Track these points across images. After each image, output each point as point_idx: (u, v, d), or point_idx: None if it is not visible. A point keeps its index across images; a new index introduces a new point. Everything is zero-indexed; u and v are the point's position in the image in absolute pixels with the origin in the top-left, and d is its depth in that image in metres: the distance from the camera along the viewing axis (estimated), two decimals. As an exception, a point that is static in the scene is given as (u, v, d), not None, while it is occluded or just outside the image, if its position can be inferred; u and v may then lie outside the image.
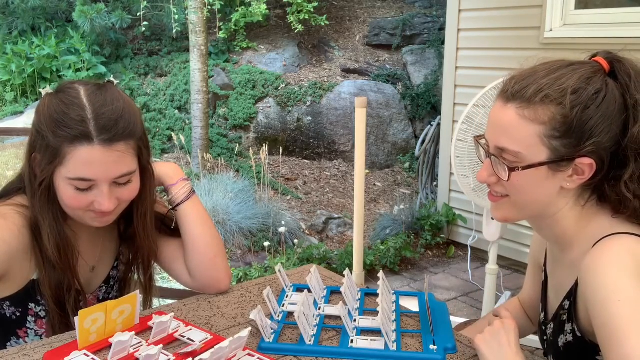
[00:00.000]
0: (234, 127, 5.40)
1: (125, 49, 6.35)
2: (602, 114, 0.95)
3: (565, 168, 0.98)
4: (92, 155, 1.11)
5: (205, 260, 1.32)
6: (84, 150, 1.10)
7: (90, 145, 1.10)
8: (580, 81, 0.96)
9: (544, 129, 0.96)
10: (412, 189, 5.17)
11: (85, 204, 1.14)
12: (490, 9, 3.77)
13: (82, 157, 1.10)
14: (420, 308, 1.30)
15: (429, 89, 5.69)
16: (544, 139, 0.96)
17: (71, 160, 1.11)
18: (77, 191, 1.13)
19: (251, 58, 6.12)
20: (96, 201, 1.14)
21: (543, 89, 0.96)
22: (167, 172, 1.34)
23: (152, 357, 0.98)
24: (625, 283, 0.88)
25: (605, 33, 3.11)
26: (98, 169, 1.12)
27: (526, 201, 1.04)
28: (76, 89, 1.15)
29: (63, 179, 1.13)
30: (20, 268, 1.17)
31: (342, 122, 5.49)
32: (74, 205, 1.15)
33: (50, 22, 6.30)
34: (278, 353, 1.10)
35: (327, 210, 4.60)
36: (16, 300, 1.19)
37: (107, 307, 1.10)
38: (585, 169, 0.97)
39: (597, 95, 0.95)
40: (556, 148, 0.96)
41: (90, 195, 1.14)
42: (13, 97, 5.87)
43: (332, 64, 6.21)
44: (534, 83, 0.98)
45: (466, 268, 3.83)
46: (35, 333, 1.23)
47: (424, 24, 6.41)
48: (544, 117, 0.96)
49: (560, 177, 0.99)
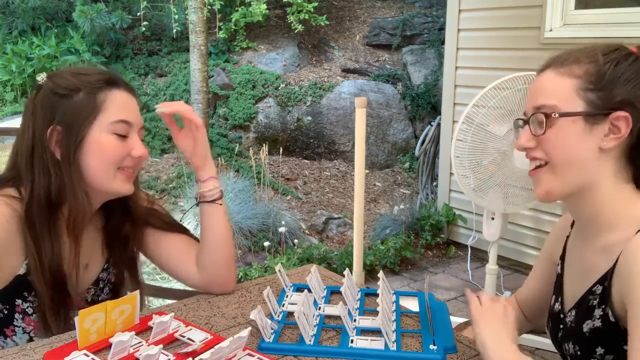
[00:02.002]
0: (234, 127, 5.40)
1: (125, 49, 6.35)
2: (636, 70, 0.99)
3: (601, 122, 0.99)
4: (125, 99, 1.22)
5: (222, 259, 1.34)
6: (118, 94, 1.21)
7: (120, 90, 1.21)
8: (610, 47, 1.03)
9: (579, 82, 1.01)
10: (412, 189, 5.17)
11: (124, 152, 1.21)
12: (490, 9, 3.77)
13: (119, 99, 1.21)
14: (420, 308, 1.30)
15: (429, 89, 5.69)
16: (580, 91, 1.00)
17: (110, 104, 1.19)
18: (117, 139, 1.19)
19: (251, 58, 6.12)
20: (134, 148, 1.22)
21: (574, 52, 1.04)
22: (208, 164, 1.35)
23: (152, 357, 0.98)
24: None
25: (605, 33, 3.11)
26: (132, 113, 1.23)
27: (565, 162, 1.03)
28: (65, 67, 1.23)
29: (104, 127, 1.18)
30: (7, 261, 1.15)
31: (342, 122, 5.49)
32: (116, 154, 1.19)
33: (50, 22, 6.30)
34: (278, 353, 1.10)
35: (327, 210, 4.60)
36: (3, 296, 1.17)
37: (107, 307, 1.10)
38: (622, 125, 0.98)
39: (629, 57, 1.01)
40: (592, 100, 1.00)
41: (127, 144, 1.21)
42: (13, 97, 5.87)
43: (332, 64, 6.21)
44: (568, 52, 1.05)
45: (466, 268, 3.83)
46: (23, 330, 1.21)
47: (424, 24, 6.41)
48: (578, 72, 1.01)
49: (596, 135, 1.00)
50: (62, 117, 1.16)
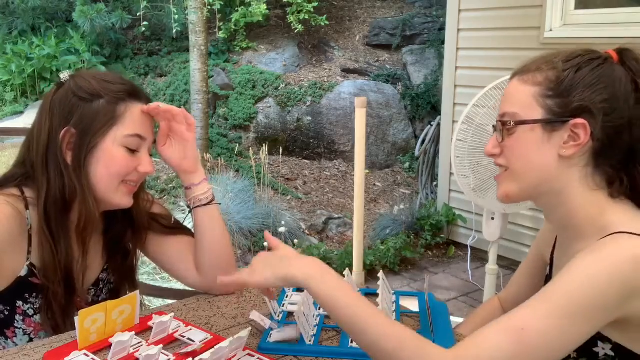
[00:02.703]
0: (234, 127, 5.40)
1: (125, 49, 6.35)
2: (597, 76, 0.98)
3: (559, 129, 0.99)
4: (143, 113, 1.21)
5: (223, 261, 1.32)
6: (138, 107, 1.20)
7: (141, 104, 1.21)
8: (575, 53, 1.02)
9: (538, 89, 1.01)
10: (412, 189, 5.17)
11: (132, 167, 1.20)
12: (490, 9, 3.77)
13: (138, 113, 1.20)
14: (420, 308, 1.30)
15: (429, 89, 5.69)
16: (539, 98, 1.01)
17: (129, 117, 1.18)
18: (127, 152, 1.19)
19: (251, 58, 6.12)
20: (142, 164, 1.21)
21: (539, 60, 1.04)
22: (199, 167, 1.31)
23: (152, 357, 0.98)
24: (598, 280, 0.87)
25: (605, 33, 3.11)
26: (147, 127, 1.22)
27: (524, 168, 1.03)
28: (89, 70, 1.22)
29: (118, 139, 1.17)
30: (8, 262, 1.14)
31: (342, 122, 5.49)
32: (124, 167, 1.19)
33: (50, 22, 6.30)
34: (278, 353, 1.10)
35: (327, 210, 4.60)
36: (3, 297, 1.17)
37: (107, 307, 1.10)
38: (580, 133, 0.97)
39: (592, 62, 0.99)
40: (550, 107, 1.00)
41: (136, 159, 1.20)
42: (13, 97, 5.87)
43: (332, 64, 6.21)
44: (536, 59, 1.05)
45: (466, 268, 3.83)
46: (23, 332, 1.20)
47: (424, 24, 6.41)
48: (539, 79, 1.01)
49: (556, 142, 0.99)
50: (78, 120, 1.16)
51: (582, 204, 1.01)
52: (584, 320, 0.88)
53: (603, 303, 0.88)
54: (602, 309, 0.89)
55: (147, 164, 1.22)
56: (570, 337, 0.88)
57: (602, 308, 0.88)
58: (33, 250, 1.18)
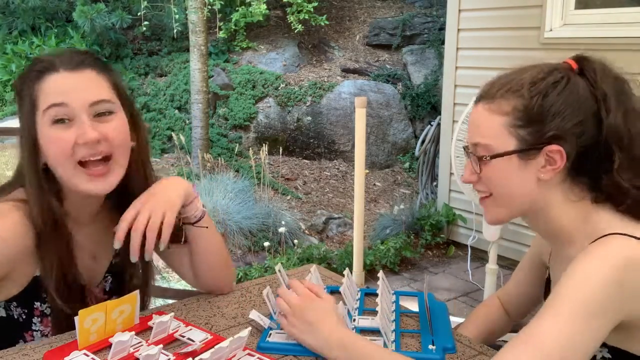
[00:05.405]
0: (234, 127, 5.40)
1: (125, 49, 6.35)
2: (564, 101, 0.98)
3: (535, 157, 1.00)
4: (60, 81, 1.10)
5: (214, 270, 1.34)
6: (51, 79, 1.10)
7: (57, 73, 1.10)
8: (539, 74, 1.01)
9: (508, 119, 1.01)
10: (412, 189, 5.18)
11: (70, 142, 1.08)
12: (490, 9, 3.77)
13: (51, 84, 1.09)
14: (420, 308, 1.30)
15: (429, 89, 5.69)
16: (510, 128, 1.01)
17: (41, 93, 1.10)
18: (57, 128, 1.09)
19: (251, 58, 6.12)
20: (79, 134, 1.08)
21: (505, 85, 1.03)
22: (188, 188, 1.26)
23: (152, 357, 0.99)
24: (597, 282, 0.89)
25: (605, 33, 3.10)
26: (69, 93, 1.09)
27: (506, 195, 1.05)
28: None
29: (42, 121, 1.09)
30: (22, 266, 1.14)
31: (342, 122, 5.49)
32: (61, 147, 1.09)
33: (50, 22, 6.31)
34: (278, 353, 1.10)
35: (327, 210, 4.60)
36: (22, 299, 1.17)
37: (107, 307, 1.10)
38: (556, 158, 0.99)
39: (557, 84, 0.99)
40: (523, 137, 1.00)
41: (71, 132, 1.09)
42: (13, 97, 5.87)
43: (332, 64, 6.21)
44: (499, 81, 1.05)
45: (466, 268, 3.83)
46: (41, 334, 1.20)
47: (424, 24, 6.41)
48: (507, 108, 1.01)
49: (533, 168, 1.01)
50: (20, 118, 1.15)
51: (566, 216, 1.04)
52: (596, 320, 0.89)
53: (608, 305, 0.90)
54: (606, 310, 0.90)
55: (84, 135, 1.08)
56: (588, 339, 0.89)
57: (606, 309, 0.90)
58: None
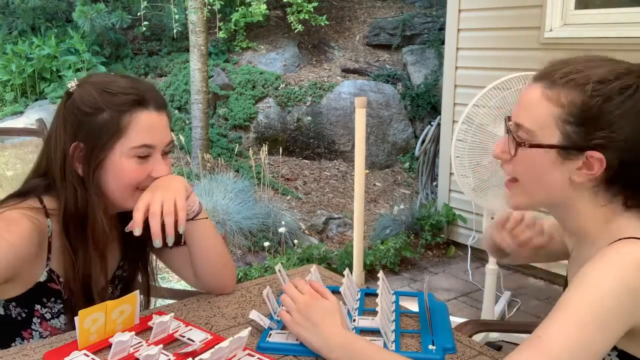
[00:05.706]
0: (234, 127, 5.40)
1: (125, 49, 6.35)
2: (625, 111, 0.92)
3: (574, 157, 0.96)
4: (151, 120, 1.18)
5: (216, 269, 1.34)
6: (144, 116, 1.17)
7: (148, 111, 1.17)
8: (611, 74, 0.93)
9: (561, 111, 0.95)
10: (412, 189, 5.18)
11: (144, 175, 1.18)
12: (490, 9, 3.77)
13: (144, 122, 1.17)
14: (420, 308, 1.30)
15: (429, 89, 5.69)
16: (559, 122, 0.95)
17: (134, 128, 1.16)
18: (138, 162, 1.17)
19: (251, 58, 6.12)
20: (154, 169, 1.19)
21: (571, 73, 0.96)
22: (184, 181, 1.28)
23: (152, 357, 0.99)
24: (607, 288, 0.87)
25: (605, 33, 3.10)
26: (157, 134, 1.19)
27: (534, 187, 1.02)
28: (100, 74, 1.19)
29: (125, 151, 1.16)
30: (28, 271, 1.16)
31: (342, 122, 5.49)
32: (135, 178, 1.17)
33: (50, 22, 6.31)
34: (278, 353, 1.10)
35: (327, 210, 4.60)
36: (22, 301, 1.19)
37: (107, 307, 1.10)
38: (595, 164, 0.94)
39: (624, 91, 0.92)
40: (569, 134, 0.95)
41: (147, 166, 1.18)
42: (13, 97, 5.87)
43: (332, 64, 6.21)
44: (566, 67, 0.97)
45: (466, 268, 3.83)
46: (40, 335, 1.22)
47: (424, 24, 6.41)
48: (563, 100, 0.95)
49: (569, 167, 0.97)
50: (85, 135, 1.16)
51: (591, 218, 1.00)
52: (606, 325, 0.87)
53: (619, 311, 0.87)
54: (617, 316, 0.88)
55: (159, 170, 1.20)
56: (595, 346, 0.87)
57: (617, 315, 0.88)
58: (52, 257, 1.19)
